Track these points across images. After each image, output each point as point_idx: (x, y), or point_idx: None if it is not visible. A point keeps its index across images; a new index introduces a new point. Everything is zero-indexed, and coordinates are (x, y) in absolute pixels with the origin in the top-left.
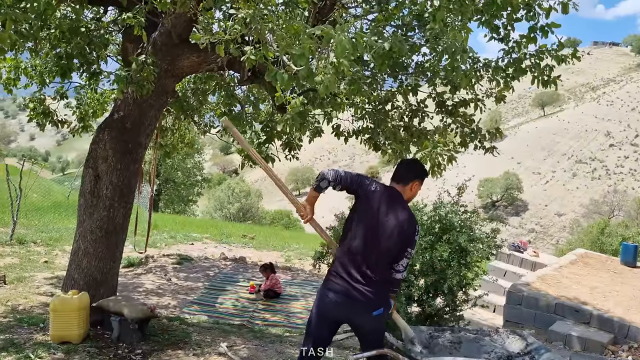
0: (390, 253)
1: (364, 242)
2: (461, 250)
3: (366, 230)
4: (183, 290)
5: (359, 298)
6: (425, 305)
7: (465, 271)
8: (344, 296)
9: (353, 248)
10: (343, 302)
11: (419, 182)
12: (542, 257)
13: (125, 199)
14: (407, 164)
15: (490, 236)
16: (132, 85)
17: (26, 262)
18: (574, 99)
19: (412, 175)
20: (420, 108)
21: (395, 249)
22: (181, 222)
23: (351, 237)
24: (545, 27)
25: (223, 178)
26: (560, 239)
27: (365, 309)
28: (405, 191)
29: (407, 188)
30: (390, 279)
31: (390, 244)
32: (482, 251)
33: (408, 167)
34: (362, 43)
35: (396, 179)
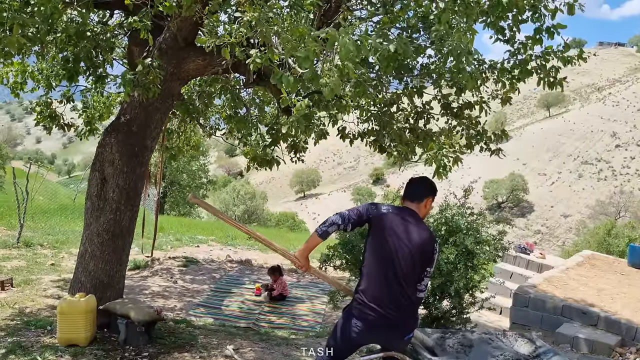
0: (415, 272)
1: (388, 269)
2: (468, 252)
3: (387, 255)
4: (189, 292)
5: (392, 326)
6: (432, 307)
7: (472, 273)
8: (376, 328)
9: (379, 277)
10: (375, 332)
11: (432, 198)
12: (548, 259)
13: (132, 202)
14: (419, 181)
15: (497, 238)
16: (138, 88)
17: (33, 265)
18: (579, 99)
19: (426, 192)
20: (426, 110)
21: (418, 269)
22: (187, 224)
23: (374, 266)
24: (551, 28)
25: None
26: (567, 241)
27: (399, 335)
28: (420, 208)
29: (421, 205)
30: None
31: (413, 265)
32: (489, 253)
33: (420, 185)
34: (367, 45)
35: (409, 197)
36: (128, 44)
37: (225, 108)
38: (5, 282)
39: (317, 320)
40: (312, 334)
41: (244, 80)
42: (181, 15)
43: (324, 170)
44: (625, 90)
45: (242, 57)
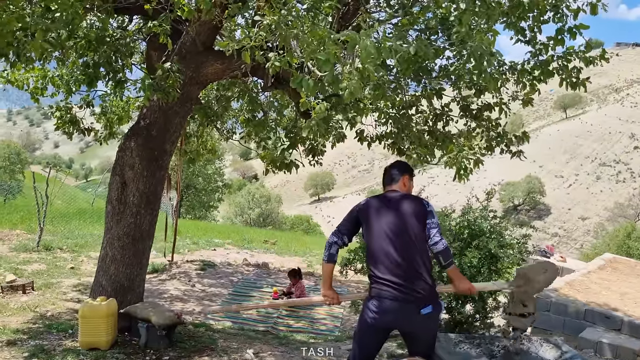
0: (417, 240)
1: (388, 247)
2: (491, 256)
3: (383, 236)
4: (207, 296)
5: (404, 298)
6: (455, 312)
7: (496, 277)
8: (390, 300)
9: (382, 258)
10: (391, 307)
11: (408, 176)
12: (569, 262)
13: (152, 205)
14: (390, 166)
15: (521, 242)
16: (158, 92)
17: (53, 269)
18: (596, 100)
19: (400, 172)
20: (445, 112)
21: (418, 233)
22: (203, 227)
23: (375, 251)
24: (573, 28)
25: (243, 184)
26: (585, 244)
27: (412, 308)
28: (399, 188)
29: (399, 184)
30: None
31: (410, 233)
32: (512, 257)
33: (393, 167)
34: (387, 48)
35: (386, 182)
36: (147, 48)
37: (243, 112)
38: (27, 285)
39: (335, 324)
40: (331, 338)
41: (262, 84)
42: (200, 20)
43: (338, 174)
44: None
45: (261, 61)
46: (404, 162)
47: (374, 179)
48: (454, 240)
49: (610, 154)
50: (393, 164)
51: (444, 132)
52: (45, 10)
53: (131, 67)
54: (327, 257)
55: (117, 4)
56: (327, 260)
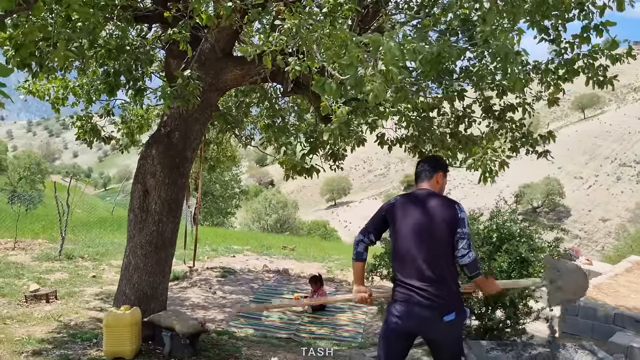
0: (442, 245)
1: (413, 250)
2: (522, 260)
3: (409, 238)
4: (229, 303)
5: (427, 304)
6: (485, 318)
7: None
8: (413, 305)
9: (406, 261)
10: (414, 312)
11: (442, 173)
12: (595, 265)
13: (174, 213)
14: (424, 161)
15: (553, 245)
16: (178, 100)
17: (75, 277)
18: (615, 100)
19: (434, 168)
20: (467, 114)
21: (445, 239)
22: (221, 234)
23: (400, 253)
24: (599, 25)
25: (259, 190)
26: (606, 245)
27: (435, 315)
28: (432, 185)
29: (432, 182)
30: (456, 272)
31: (437, 237)
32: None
33: (427, 162)
34: (411, 49)
35: (419, 178)
36: (165, 56)
37: (263, 117)
38: (50, 294)
39: (358, 330)
40: (354, 345)
41: (282, 89)
42: (219, 26)
43: (354, 178)
44: None
45: (282, 65)
46: (437, 156)
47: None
48: (482, 244)
49: (631, 154)
50: (426, 159)
51: (467, 135)
52: (66, 20)
53: (150, 75)
54: (355, 256)
55: (136, 13)
56: (356, 259)
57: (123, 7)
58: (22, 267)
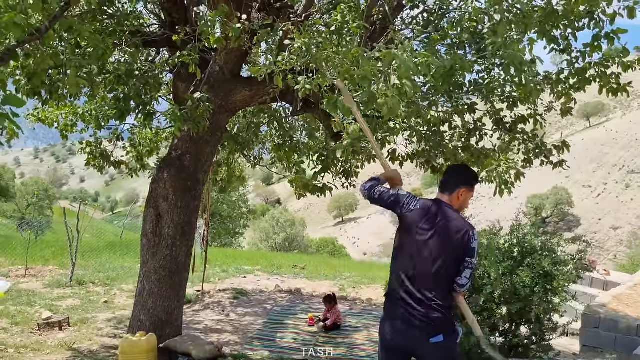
0: (445, 270)
1: (413, 265)
2: (546, 274)
3: (412, 251)
4: (242, 325)
5: (415, 323)
6: (510, 335)
7: (551, 297)
8: (401, 322)
9: (403, 272)
10: (401, 329)
11: (466, 189)
12: (613, 275)
13: (187, 237)
14: (452, 170)
15: (577, 258)
16: (188, 123)
17: (87, 303)
18: (620, 107)
19: (458, 182)
20: (478, 127)
21: (450, 263)
22: (231, 255)
23: (400, 261)
24: (610, 33)
25: (266, 209)
26: (618, 254)
27: (422, 335)
28: (452, 200)
29: (453, 197)
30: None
31: (442, 259)
32: (568, 275)
33: (452, 174)
34: (424, 63)
35: (441, 188)
36: (173, 80)
37: (273, 137)
38: (63, 322)
39: (375, 349)
40: None
41: (291, 109)
42: (227, 48)
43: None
44: None
45: (293, 84)
46: (467, 169)
47: None
48: (504, 259)
49: (639, 160)
50: (455, 169)
51: (479, 148)
52: (75, 47)
53: (159, 99)
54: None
55: (144, 38)
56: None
57: (132, 33)
58: (34, 295)
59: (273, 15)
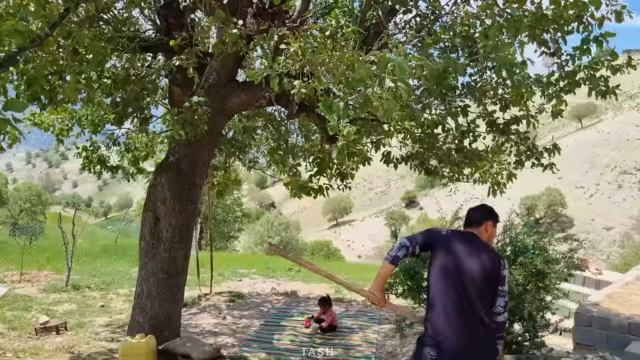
0: (484, 295)
1: (454, 294)
2: (538, 273)
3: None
4: (239, 328)
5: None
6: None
7: (544, 294)
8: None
9: (446, 302)
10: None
11: (492, 223)
12: (605, 275)
13: (185, 239)
14: (477, 207)
15: (568, 256)
16: (187, 126)
17: (84, 308)
18: (611, 108)
19: (484, 216)
20: (471, 129)
21: (486, 291)
22: (226, 258)
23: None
24: (599, 37)
25: (261, 212)
26: (611, 254)
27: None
28: (480, 233)
29: (481, 229)
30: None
31: (480, 287)
32: (560, 272)
33: (477, 210)
34: (418, 65)
35: (468, 223)
36: (169, 85)
37: (269, 141)
38: (60, 326)
39: (371, 350)
40: None
41: (287, 112)
42: (223, 52)
43: (355, 197)
44: None
45: (289, 88)
46: (489, 207)
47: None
48: None
49: (630, 161)
50: (479, 207)
51: (472, 150)
52: (73, 53)
53: (156, 103)
54: (391, 258)
55: (142, 43)
56: (391, 261)
57: (129, 39)
58: (30, 300)
59: (268, 20)
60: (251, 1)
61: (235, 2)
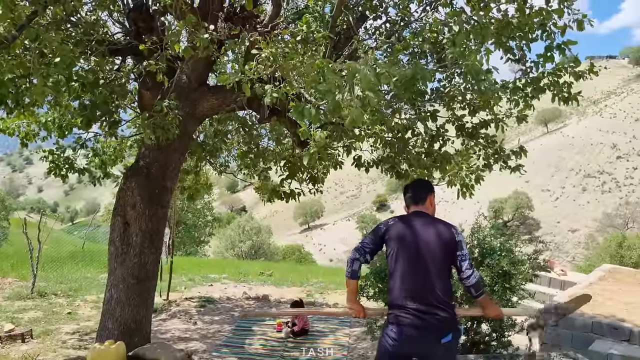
0: (441, 268)
1: (412, 272)
2: (504, 274)
3: (408, 260)
4: (210, 333)
5: (425, 326)
6: (472, 333)
7: (510, 295)
8: (410, 328)
9: (404, 284)
10: (410, 335)
11: (433, 196)
12: (569, 275)
13: (155, 244)
14: (416, 184)
15: (533, 257)
16: (158, 130)
17: (50, 315)
18: (576, 113)
19: (425, 191)
20: (440, 133)
21: (444, 262)
22: (196, 263)
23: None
24: (561, 45)
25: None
26: (576, 255)
27: (435, 337)
28: (427, 208)
29: (427, 205)
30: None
31: (436, 260)
32: (525, 273)
33: (416, 187)
34: (385, 74)
35: (414, 201)
36: (138, 88)
37: (240, 145)
38: (25, 334)
39: (342, 352)
40: None
41: (258, 117)
42: (194, 57)
43: (326, 201)
44: (621, 102)
45: (260, 93)
46: (425, 180)
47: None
48: None
49: (594, 165)
50: (417, 183)
51: (442, 153)
52: (40, 56)
53: (125, 107)
54: (349, 274)
55: (111, 47)
56: (350, 277)
57: (98, 42)
58: None
59: (239, 25)
60: (222, 5)
61: (206, 6)
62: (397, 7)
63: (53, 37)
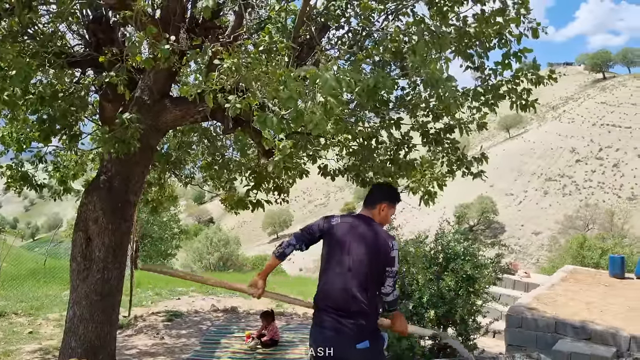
0: (369, 277)
1: (339, 276)
2: (468, 278)
3: (338, 263)
4: (178, 347)
5: (343, 330)
6: (438, 338)
7: (474, 298)
8: (330, 330)
9: (331, 283)
10: (331, 337)
11: (387, 204)
12: (533, 277)
13: (119, 259)
14: (375, 187)
15: (495, 261)
16: (119, 143)
17: (10, 335)
18: (536, 119)
19: (379, 198)
20: (405, 141)
21: (373, 272)
22: (163, 277)
23: (326, 274)
24: (518, 52)
25: (199, 228)
26: (540, 257)
27: (349, 342)
28: (374, 215)
29: (375, 211)
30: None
31: (366, 270)
32: (488, 277)
33: (375, 190)
34: (347, 81)
35: (365, 203)
36: (99, 101)
37: (204, 156)
38: None
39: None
40: None
41: (222, 127)
42: (155, 68)
43: (295, 210)
44: (578, 107)
45: (223, 103)
46: (389, 187)
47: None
48: (430, 265)
49: (555, 168)
50: (378, 186)
51: (406, 160)
52: None
53: (85, 120)
54: (278, 253)
55: (69, 59)
56: (277, 257)
57: (56, 54)
58: None
59: (201, 35)
60: (184, 16)
61: (167, 17)
62: (359, 17)
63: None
